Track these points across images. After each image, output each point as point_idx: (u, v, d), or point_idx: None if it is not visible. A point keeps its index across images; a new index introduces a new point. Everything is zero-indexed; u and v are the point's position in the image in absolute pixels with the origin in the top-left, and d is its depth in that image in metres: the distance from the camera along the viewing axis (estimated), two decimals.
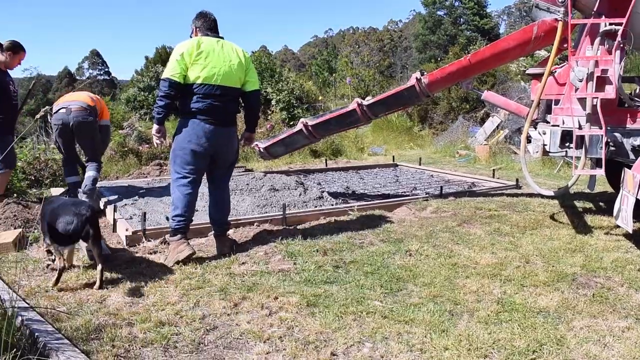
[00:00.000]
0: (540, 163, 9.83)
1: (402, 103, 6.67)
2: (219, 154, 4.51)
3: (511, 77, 15.89)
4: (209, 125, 4.32)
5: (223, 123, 4.42)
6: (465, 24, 49.71)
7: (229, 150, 4.59)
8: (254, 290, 3.70)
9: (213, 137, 4.36)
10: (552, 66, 5.07)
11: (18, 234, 4.77)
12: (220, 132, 4.40)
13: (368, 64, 28.89)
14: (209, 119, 4.32)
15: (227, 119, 4.48)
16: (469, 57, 5.90)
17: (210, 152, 4.42)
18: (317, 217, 5.66)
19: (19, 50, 5.85)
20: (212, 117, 4.33)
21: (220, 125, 4.39)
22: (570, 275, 4.02)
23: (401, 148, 13.97)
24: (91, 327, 3.09)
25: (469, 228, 5.30)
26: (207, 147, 4.36)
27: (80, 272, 4.06)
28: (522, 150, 5.32)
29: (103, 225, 5.55)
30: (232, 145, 4.62)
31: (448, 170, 9.26)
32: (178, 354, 2.86)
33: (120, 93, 22.28)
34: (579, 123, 4.91)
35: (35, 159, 8.09)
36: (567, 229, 5.24)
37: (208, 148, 4.38)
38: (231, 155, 4.67)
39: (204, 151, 4.37)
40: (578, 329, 3.16)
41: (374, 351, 2.89)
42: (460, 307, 3.44)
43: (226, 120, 4.47)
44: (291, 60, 76.35)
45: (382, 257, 4.40)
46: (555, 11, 5.09)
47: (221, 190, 4.66)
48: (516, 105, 6.61)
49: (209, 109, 4.32)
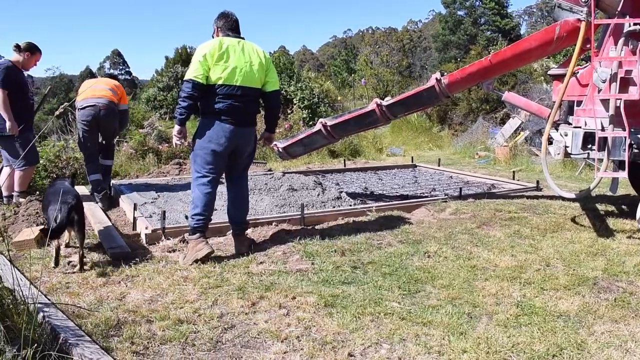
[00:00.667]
0: (561, 165, 9.71)
1: (421, 104, 6.63)
2: (238, 153, 4.54)
3: (533, 78, 15.73)
4: (229, 125, 4.35)
5: (243, 123, 4.45)
6: (486, 24, 49.28)
7: (247, 150, 4.62)
8: (271, 289, 3.70)
9: (233, 137, 4.39)
10: (574, 67, 5.01)
11: (41, 230, 4.83)
12: (240, 133, 4.43)
13: (387, 64, 28.78)
14: (229, 119, 4.35)
15: (247, 119, 4.50)
16: (489, 58, 5.85)
17: (229, 151, 4.45)
18: (335, 217, 5.66)
19: (35, 51, 6.03)
20: (232, 117, 4.35)
21: (240, 125, 4.41)
22: (591, 279, 3.96)
23: (420, 149, 13.91)
24: (111, 323, 3.12)
25: (489, 230, 5.25)
26: (227, 147, 4.39)
27: (100, 270, 4.10)
28: (544, 151, 5.27)
29: (123, 223, 5.62)
30: (251, 145, 4.64)
31: (467, 171, 9.19)
32: (196, 352, 2.87)
33: (140, 93, 22.48)
34: (602, 125, 4.84)
35: (57, 156, 8.21)
36: (589, 232, 5.17)
37: (228, 148, 4.41)
38: (249, 155, 4.69)
39: (224, 151, 4.40)
40: (599, 334, 3.12)
41: (392, 352, 2.88)
42: (479, 310, 3.42)
43: (246, 120, 4.49)
44: (310, 60, 76.45)
45: (400, 258, 4.38)
46: (578, 11, 5.02)
47: (239, 189, 4.69)
48: (537, 106, 6.54)
49: (229, 110, 4.34)
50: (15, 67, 5.89)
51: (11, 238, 4.86)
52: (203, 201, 4.38)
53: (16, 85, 5.82)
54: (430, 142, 14.59)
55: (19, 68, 5.94)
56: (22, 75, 6.00)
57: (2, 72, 5.71)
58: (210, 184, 4.42)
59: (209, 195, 4.42)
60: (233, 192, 4.68)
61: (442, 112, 17.51)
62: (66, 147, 8.98)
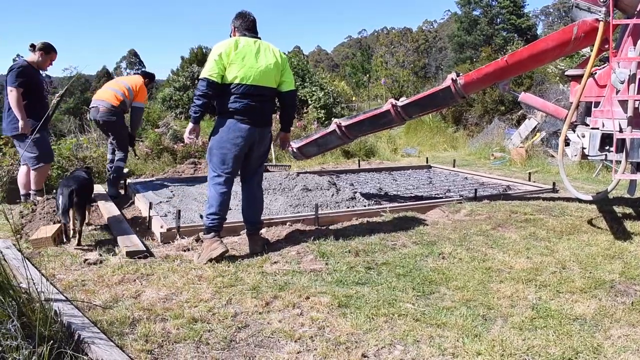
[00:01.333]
0: (578, 167, 9.62)
1: (436, 104, 6.60)
2: (252, 153, 4.55)
3: (549, 79, 15.59)
4: (245, 125, 4.36)
5: (259, 123, 4.46)
6: (502, 23, 48.91)
7: (262, 150, 4.63)
8: (285, 289, 3.71)
9: (249, 137, 4.40)
10: (592, 67, 4.96)
11: (57, 228, 4.89)
12: (255, 132, 4.44)
13: (403, 64, 28.73)
14: (245, 118, 4.36)
15: (263, 119, 4.51)
16: (505, 58, 5.80)
17: (245, 151, 4.46)
18: (350, 217, 5.65)
19: (50, 50, 6.08)
20: (248, 117, 4.36)
21: (256, 125, 4.42)
22: (608, 282, 3.92)
23: (435, 149, 13.85)
24: (126, 321, 3.14)
25: (504, 232, 5.21)
26: (242, 146, 4.40)
27: (116, 268, 4.13)
28: (560, 153, 5.21)
29: (139, 222, 5.65)
30: (265, 145, 4.65)
31: (483, 172, 9.14)
32: (210, 351, 2.88)
33: (156, 92, 22.64)
34: (620, 126, 4.79)
35: (73, 154, 8.29)
36: (606, 235, 5.11)
37: (244, 148, 4.42)
38: (264, 154, 4.70)
39: (239, 151, 4.41)
40: (616, 338, 3.08)
41: (405, 354, 2.87)
42: (494, 312, 3.39)
43: (262, 120, 4.50)
44: (325, 60, 76.46)
45: (414, 260, 4.36)
46: (596, 11, 4.97)
47: (253, 188, 4.70)
48: (554, 107, 6.48)
49: (245, 109, 4.35)
50: (31, 67, 5.94)
51: (28, 236, 4.92)
52: (218, 200, 4.40)
53: (31, 84, 5.88)
54: (445, 142, 14.52)
55: (35, 68, 5.99)
56: (38, 75, 6.05)
57: (16, 71, 5.77)
58: (226, 183, 4.44)
59: (224, 195, 4.43)
60: (246, 192, 4.70)
61: (458, 113, 17.43)
62: (81, 146, 9.08)
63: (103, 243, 4.82)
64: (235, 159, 4.43)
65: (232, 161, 4.42)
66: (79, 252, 4.53)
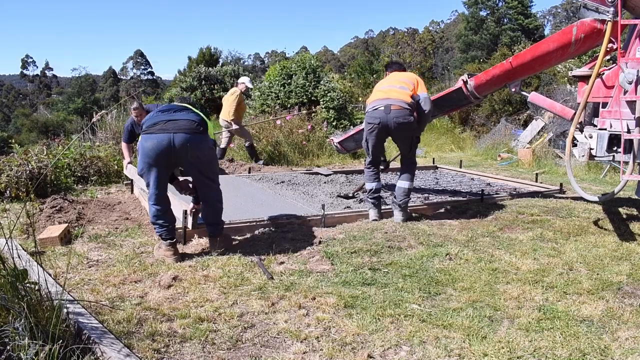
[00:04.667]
0: (585, 168, 9.58)
1: (452, 105, 6.68)
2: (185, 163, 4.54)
3: (557, 79, 15.54)
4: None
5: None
6: (510, 23, 48.74)
7: (191, 160, 4.51)
8: (291, 289, 3.71)
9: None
10: (600, 68, 4.93)
11: (64, 229, 4.92)
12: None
13: (410, 64, 28.66)
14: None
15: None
16: (510, 60, 5.80)
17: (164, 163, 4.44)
18: (356, 218, 5.65)
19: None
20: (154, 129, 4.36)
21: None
22: (615, 283, 3.90)
23: (441, 150, 13.83)
24: (133, 321, 3.16)
25: (511, 233, 5.20)
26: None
27: (122, 267, 4.15)
28: (568, 154, 5.19)
29: (146, 223, 5.66)
30: (197, 154, 4.47)
31: (489, 173, 9.11)
32: (216, 351, 2.89)
33: (163, 92, 22.75)
34: (628, 127, 4.76)
35: (81, 155, 8.32)
36: (613, 236, 5.09)
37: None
38: (197, 164, 4.55)
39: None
40: (623, 340, 3.07)
41: (412, 355, 2.87)
42: (500, 313, 3.38)
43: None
44: (331, 60, 76.42)
45: (420, 260, 4.36)
46: (604, 11, 4.94)
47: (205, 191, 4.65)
48: (561, 107, 6.45)
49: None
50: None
51: (35, 235, 4.95)
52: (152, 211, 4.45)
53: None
54: (452, 143, 14.50)
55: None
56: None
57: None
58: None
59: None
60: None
61: (464, 114, 17.40)
62: (92, 147, 9.12)
63: (110, 243, 4.84)
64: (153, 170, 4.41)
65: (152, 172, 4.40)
66: (85, 252, 4.55)
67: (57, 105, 61.80)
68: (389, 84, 5.66)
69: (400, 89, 5.51)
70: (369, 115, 5.52)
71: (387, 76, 5.92)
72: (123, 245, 4.80)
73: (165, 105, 4.64)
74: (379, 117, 5.41)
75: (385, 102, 5.41)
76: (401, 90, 5.50)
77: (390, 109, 5.36)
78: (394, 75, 5.81)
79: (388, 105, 5.38)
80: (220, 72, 24.45)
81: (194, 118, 4.37)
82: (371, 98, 5.65)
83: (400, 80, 5.63)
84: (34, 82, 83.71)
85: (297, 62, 14.93)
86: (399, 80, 5.66)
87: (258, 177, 8.09)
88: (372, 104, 5.54)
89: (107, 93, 73.25)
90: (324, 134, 12.22)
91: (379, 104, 5.45)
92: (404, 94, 5.46)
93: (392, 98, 5.43)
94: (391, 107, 5.36)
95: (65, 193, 6.85)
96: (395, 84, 5.60)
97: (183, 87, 23.17)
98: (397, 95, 5.45)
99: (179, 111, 4.42)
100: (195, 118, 4.37)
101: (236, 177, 8.34)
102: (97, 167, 8.28)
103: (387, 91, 5.54)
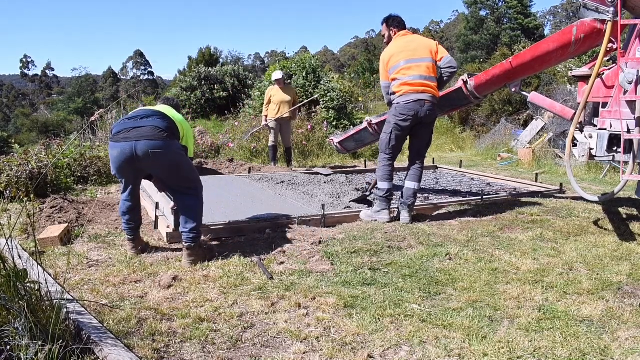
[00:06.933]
0: (585, 168, 9.58)
1: (453, 104, 6.65)
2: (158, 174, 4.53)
3: (557, 79, 15.54)
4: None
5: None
6: (510, 22, 48.75)
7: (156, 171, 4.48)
8: (291, 289, 3.71)
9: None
10: (600, 68, 4.93)
11: (64, 229, 4.92)
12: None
13: None
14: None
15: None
16: (510, 60, 5.80)
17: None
18: (356, 218, 5.65)
19: None
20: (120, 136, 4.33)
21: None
22: (615, 283, 3.90)
23: (441, 150, 13.83)
24: (133, 321, 3.16)
25: (510, 233, 5.20)
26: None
27: (122, 267, 4.15)
28: (568, 154, 5.19)
29: (146, 222, 5.67)
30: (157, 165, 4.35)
31: (489, 173, 9.11)
32: (216, 351, 2.89)
33: (163, 93, 22.75)
34: (628, 127, 4.76)
35: (81, 155, 8.33)
36: (613, 236, 5.09)
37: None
38: (169, 175, 4.46)
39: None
40: (623, 340, 3.07)
41: (412, 355, 2.87)
42: (500, 313, 3.38)
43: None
44: (331, 60, 76.45)
45: (420, 260, 4.36)
46: (604, 11, 4.94)
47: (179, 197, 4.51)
48: (561, 107, 6.45)
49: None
50: None
51: (35, 235, 4.95)
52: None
53: None
54: (452, 143, 14.51)
55: None
56: None
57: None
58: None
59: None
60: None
61: (464, 114, 17.40)
62: (91, 147, 9.12)
63: (110, 243, 4.84)
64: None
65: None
66: (85, 252, 4.56)
67: (57, 105, 61.87)
68: (411, 57, 5.48)
69: (427, 70, 5.44)
70: (403, 107, 5.39)
71: (398, 38, 5.69)
72: (123, 245, 4.79)
73: (133, 112, 4.47)
74: (414, 109, 5.36)
75: (419, 96, 5.36)
76: (428, 71, 5.44)
77: (424, 103, 5.36)
78: (410, 44, 5.58)
79: (422, 100, 5.35)
80: (220, 72, 24.44)
81: (160, 124, 4.20)
82: (398, 81, 5.46)
83: (422, 53, 5.50)
84: (34, 82, 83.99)
85: (297, 62, 14.94)
86: (419, 53, 5.51)
87: (258, 177, 8.09)
88: (404, 96, 5.41)
89: (107, 93, 73.32)
90: (324, 134, 12.23)
91: (412, 97, 5.36)
92: (433, 77, 5.47)
93: (427, 92, 5.39)
94: (425, 102, 5.36)
95: (65, 193, 6.86)
96: (417, 57, 5.48)
97: (183, 87, 23.18)
98: (428, 83, 5.43)
99: (146, 117, 4.26)
100: (161, 124, 4.21)
101: (236, 177, 8.34)
102: (97, 167, 8.29)
103: (415, 71, 5.42)
